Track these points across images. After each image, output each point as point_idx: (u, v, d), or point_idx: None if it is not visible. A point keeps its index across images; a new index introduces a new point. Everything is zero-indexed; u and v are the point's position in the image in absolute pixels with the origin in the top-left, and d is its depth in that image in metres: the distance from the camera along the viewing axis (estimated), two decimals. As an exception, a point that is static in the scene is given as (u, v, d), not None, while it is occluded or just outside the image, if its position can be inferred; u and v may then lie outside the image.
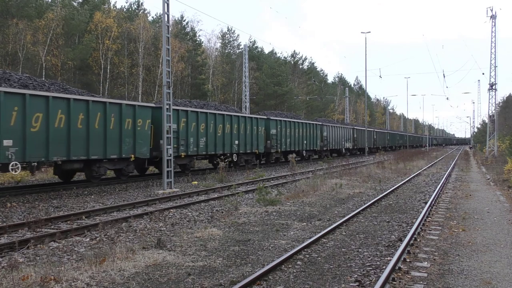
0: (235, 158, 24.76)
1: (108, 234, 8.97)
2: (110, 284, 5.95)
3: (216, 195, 14.79)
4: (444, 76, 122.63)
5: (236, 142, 24.77)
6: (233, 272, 6.54)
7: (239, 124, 25.09)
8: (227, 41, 60.79)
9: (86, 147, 15.46)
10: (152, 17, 54.22)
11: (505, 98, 76.18)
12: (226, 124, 23.81)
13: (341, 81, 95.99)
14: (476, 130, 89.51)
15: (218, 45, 59.49)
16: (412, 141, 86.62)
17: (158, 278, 6.27)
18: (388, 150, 60.81)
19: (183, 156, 20.43)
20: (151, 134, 18.64)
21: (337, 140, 41.78)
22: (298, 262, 7.03)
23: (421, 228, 9.61)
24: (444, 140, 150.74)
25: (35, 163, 14.00)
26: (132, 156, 17.46)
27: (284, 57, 72.39)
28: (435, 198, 14.06)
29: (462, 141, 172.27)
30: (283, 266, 6.78)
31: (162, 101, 16.81)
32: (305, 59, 78.89)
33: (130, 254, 7.17)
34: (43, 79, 24.34)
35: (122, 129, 16.86)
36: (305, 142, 34.25)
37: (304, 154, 34.96)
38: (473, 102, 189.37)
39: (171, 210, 12.00)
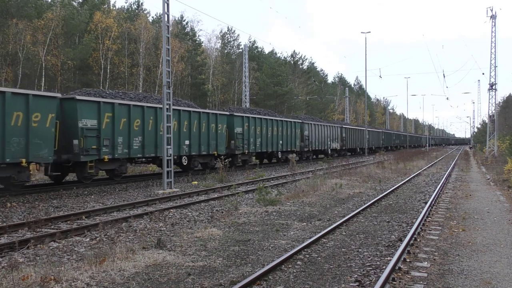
0: (185, 161, 21.20)
1: (108, 234, 8.97)
2: (110, 284, 5.95)
3: (216, 195, 14.80)
4: (444, 76, 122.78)
5: (187, 142, 20.89)
6: (233, 272, 6.54)
7: (191, 121, 21.06)
8: (227, 41, 60.83)
9: None
10: (152, 17, 54.33)
11: (505, 98, 76.34)
12: (172, 121, 20.16)
13: (341, 81, 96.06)
14: (476, 130, 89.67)
15: (218, 45, 59.59)
16: (410, 141, 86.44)
17: (158, 278, 6.27)
18: (384, 150, 60.16)
19: (106, 160, 16.78)
20: (56, 133, 15.04)
21: (322, 140, 37.92)
22: (298, 262, 7.03)
23: (421, 228, 9.61)
24: (442, 140, 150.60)
25: None
26: (23, 161, 13.70)
27: (284, 57, 72.53)
28: (435, 198, 14.06)
29: (461, 141, 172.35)
30: (283, 266, 6.78)
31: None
32: (305, 59, 79.03)
33: (130, 254, 7.17)
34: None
35: (5, 125, 13.11)
36: (281, 142, 30.38)
37: (280, 156, 31.11)
38: (473, 102, 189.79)
39: (171, 210, 12.00)
